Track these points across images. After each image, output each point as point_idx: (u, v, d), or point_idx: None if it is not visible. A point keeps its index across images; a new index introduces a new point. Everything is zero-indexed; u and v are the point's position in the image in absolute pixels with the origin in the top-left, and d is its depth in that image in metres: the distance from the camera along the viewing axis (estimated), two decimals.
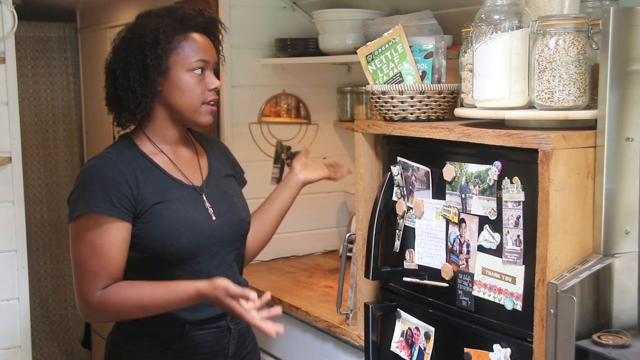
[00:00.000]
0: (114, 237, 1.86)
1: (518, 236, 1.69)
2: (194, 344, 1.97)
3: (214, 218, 1.98)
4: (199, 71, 1.93)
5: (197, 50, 1.93)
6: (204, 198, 2.00)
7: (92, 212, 1.85)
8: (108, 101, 2.00)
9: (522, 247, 1.69)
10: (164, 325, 1.94)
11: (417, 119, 2.03)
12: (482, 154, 1.78)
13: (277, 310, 1.83)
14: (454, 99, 2.04)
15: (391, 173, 2.06)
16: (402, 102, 2.01)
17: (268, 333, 1.75)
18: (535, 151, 1.61)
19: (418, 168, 1.98)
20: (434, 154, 1.93)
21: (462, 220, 1.84)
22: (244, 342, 2.10)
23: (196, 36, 1.95)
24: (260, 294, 2.26)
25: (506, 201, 1.71)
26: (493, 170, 1.74)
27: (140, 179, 1.90)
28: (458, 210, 1.85)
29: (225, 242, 2.01)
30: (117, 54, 1.95)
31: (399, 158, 2.05)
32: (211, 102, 1.96)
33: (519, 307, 1.70)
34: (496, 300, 1.76)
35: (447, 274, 1.90)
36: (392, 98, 2.02)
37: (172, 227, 1.90)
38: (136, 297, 1.86)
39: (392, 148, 2.10)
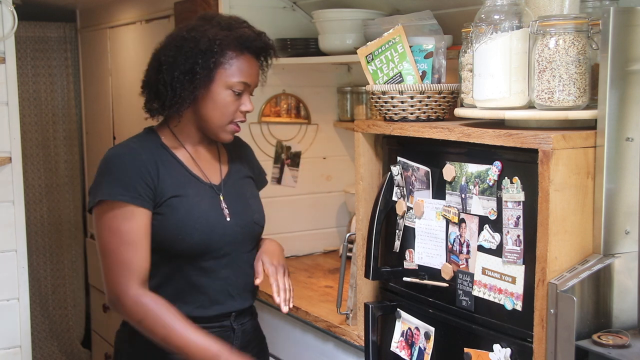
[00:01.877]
0: (140, 224, 1.89)
1: (518, 236, 1.69)
2: None
3: (228, 219, 2.00)
4: (238, 91, 1.95)
5: (243, 71, 1.95)
6: (221, 198, 2.02)
7: (116, 199, 1.87)
8: (145, 86, 2.03)
9: (522, 247, 1.69)
10: None
11: (417, 119, 2.03)
12: (482, 154, 1.78)
13: None
14: (454, 99, 2.04)
15: (391, 173, 2.06)
16: (402, 102, 2.01)
17: None
18: (535, 151, 1.61)
19: (418, 168, 1.98)
20: (434, 154, 1.93)
21: (462, 220, 1.84)
22: (250, 342, 2.10)
23: (247, 58, 1.97)
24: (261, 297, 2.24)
25: (506, 201, 1.71)
26: (493, 170, 1.74)
27: (160, 170, 1.93)
28: (458, 210, 1.85)
29: (237, 243, 2.02)
30: (169, 49, 1.95)
31: (399, 158, 2.05)
32: (238, 123, 1.99)
33: (519, 307, 1.70)
34: (496, 300, 1.76)
35: (447, 274, 1.90)
36: (392, 98, 2.02)
37: (185, 222, 1.92)
38: (173, 323, 1.86)
39: (392, 148, 2.10)
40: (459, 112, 1.90)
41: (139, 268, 1.88)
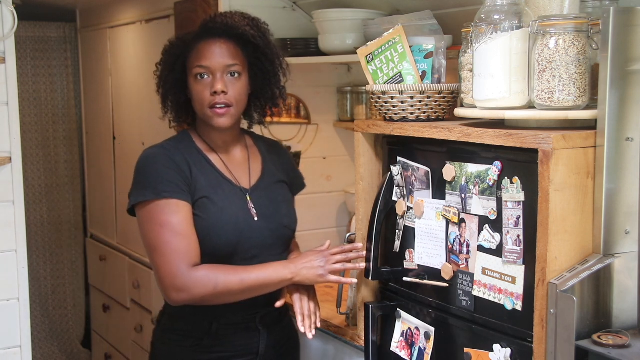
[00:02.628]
0: (186, 216, 1.94)
1: (518, 236, 1.69)
2: (222, 342, 2.04)
3: (256, 219, 2.04)
4: (203, 76, 1.98)
5: (199, 56, 1.99)
6: (248, 199, 2.05)
7: (161, 197, 1.93)
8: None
9: (522, 247, 1.69)
10: (194, 322, 2.02)
11: (417, 119, 2.03)
12: (482, 154, 1.78)
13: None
14: (454, 99, 2.04)
15: (391, 173, 2.06)
16: (402, 102, 2.01)
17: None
18: (535, 151, 1.61)
19: (418, 168, 1.98)
20: (434, 154, 1.93)
21: (462, 220, 1.84)
22: (279, 343, 2.14)
23: (206, 42, 2.00)
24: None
25: (506, 201, 1.71)
26: (493, 170, 1.74)
27: (193, 171, 1.99)
28: (458, 210, 1.85)
29: (266, 246, 2.05)
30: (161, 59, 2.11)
31: (399, 158, 2.05)
32: (216, 106, 1.98)
33: (519, 307, 1.70)
34: (496, 300, 1.76)
35: (447, 274, 1.90)
36: (392, 98, 2.02)
37: (215, 223, 1.97)
38: (238, 268, 1.94)
39: (392, 148, 2.10)
40: (459, 112, 1.90)
41: (193, 255, 1.93)
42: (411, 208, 2.01)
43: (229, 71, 2.00)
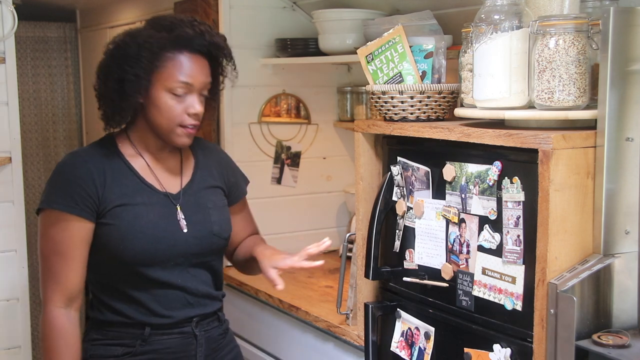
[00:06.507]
0: (74, 234, 1.85)
1: (518, 236, 1.69)
2: (155, 349, 1.92)
3: (185, 230, 1.93)
4: (180, 92, 1.85)
5: (181, 71, 1.84)
6: (178, 208, 1.94)
7: (52, 208, 1.86)
8: (96, 96, 1.97)
9: (522, 247, 1.69)
10: (126, 329, 1.92)
11: (417, 119, 2.03)
12: (482, 154, 1.78)
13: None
14: (454, 99, 2.04)
15: (391, 173, 2.06)
16: (402, 102, 2.01)
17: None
18: (535, 151, 1.61)
19: (418, 168, 1.98)
20: (434, 154, 1.93)
21: (462, 220, 1.84)
22: (218, 350, 2.03)
23: (187, 57, 1.86)
24: (257, 292, 2.24)
25: (506, 201, 1.71)
26: (493, 170, 1.74)
27: (108, 179, 1.87)
28: (458, 210, 1.85)
29: (190, 255, 1.94)
30: (105, 58, 1.92)
31: (399, 158, 2.05)
32: (189, 126, 1.87)
33: (519, 307, 1.70)
34: (496, 300, 1.76)
35: (447, 274, 1.90)
36: (392, 98, 2.02)
37: (128, 231, 1.86)
38: (58, 350, 1.85)
39: (392, 148, 2.10)
40: (459, 112, 1.91)
41: (66, 281, 1.86)
42: (411, 208, 2.01)
43: (203, 90, 1.90)
